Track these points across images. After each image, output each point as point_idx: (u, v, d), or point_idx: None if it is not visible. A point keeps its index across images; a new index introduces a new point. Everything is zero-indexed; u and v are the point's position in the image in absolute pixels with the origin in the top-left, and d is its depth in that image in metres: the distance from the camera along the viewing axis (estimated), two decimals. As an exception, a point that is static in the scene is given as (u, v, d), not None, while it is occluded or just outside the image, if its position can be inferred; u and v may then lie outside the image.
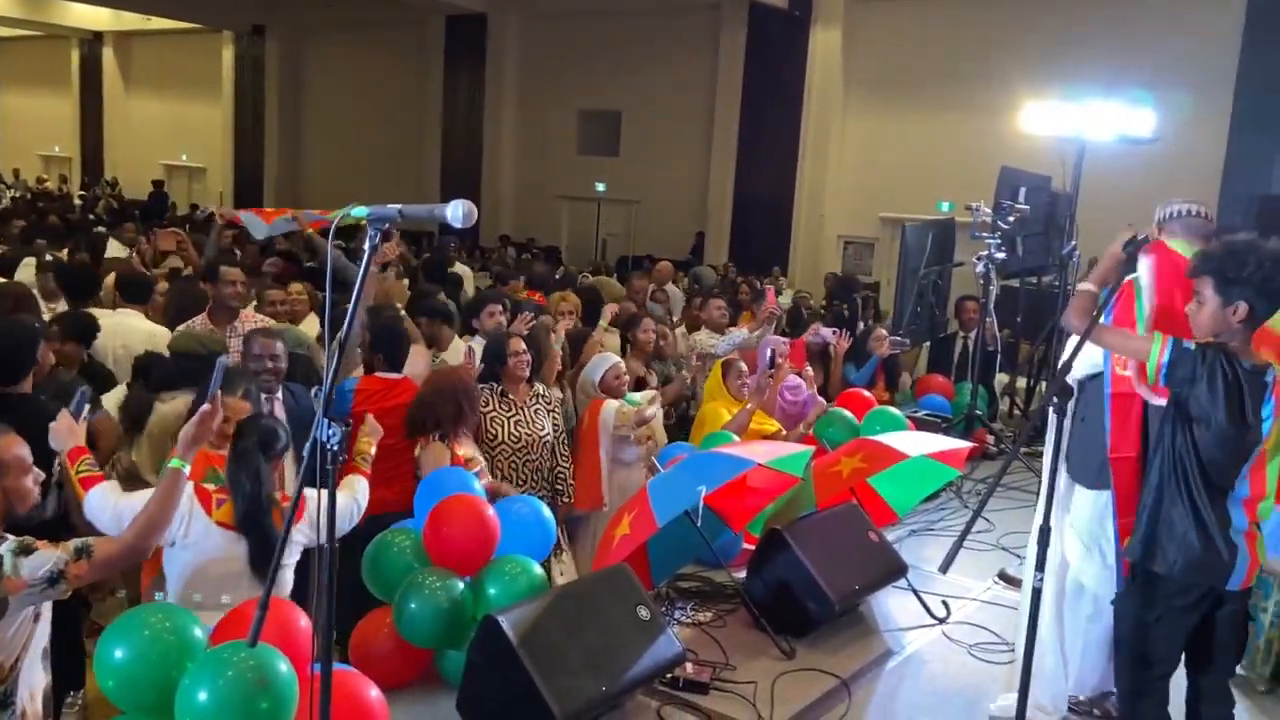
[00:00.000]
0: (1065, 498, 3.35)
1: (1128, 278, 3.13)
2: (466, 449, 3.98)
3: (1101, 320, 3.01)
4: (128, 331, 5.12)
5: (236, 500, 2.98)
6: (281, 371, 3.93)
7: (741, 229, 17.38)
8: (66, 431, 2.96)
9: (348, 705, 2.45)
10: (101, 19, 26.37)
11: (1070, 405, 3.21)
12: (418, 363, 5.06)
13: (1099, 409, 3.13)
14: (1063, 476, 3.31)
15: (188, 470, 2.74)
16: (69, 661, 3.16)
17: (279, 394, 3.94)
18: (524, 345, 4.53)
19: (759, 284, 9.91)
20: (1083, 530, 3.30)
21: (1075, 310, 3.05)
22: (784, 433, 5.29)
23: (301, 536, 3.05)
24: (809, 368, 5.86)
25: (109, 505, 2.86)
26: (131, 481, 3.49)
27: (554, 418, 4.61)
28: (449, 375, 4.19)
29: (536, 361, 4.61)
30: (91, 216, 16.53)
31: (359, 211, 1.99)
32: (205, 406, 2.76)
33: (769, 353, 5.53)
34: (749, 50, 16.96)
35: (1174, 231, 3.19)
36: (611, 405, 4.77)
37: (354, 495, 3.24)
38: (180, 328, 4.79)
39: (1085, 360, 3.13)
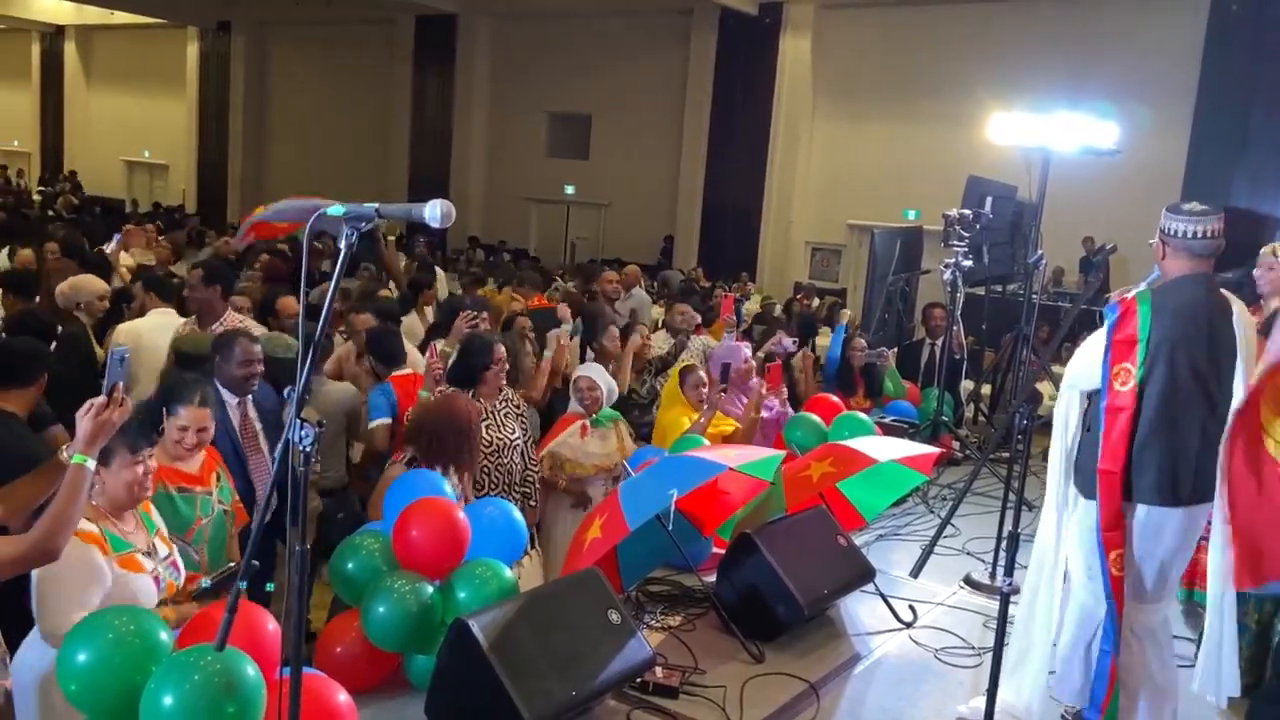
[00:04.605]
0: (1066, 505, 3.30)
1: (1131, 293, 3.09)
2: None
3: (1104, 338, 3.02)
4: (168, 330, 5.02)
5: None
6: (258, 375, 3.93)
7: (710, 234, 17.44)
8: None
9: (316, 709, 2.43)
10: (64, 13, 26.00)
11: (1079, 414, 3.23)
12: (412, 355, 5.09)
13: (1099, 422, 3.07)
14: (1059, 483, 3.29)
15: (91, 465, 2.52)
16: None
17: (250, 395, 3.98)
18: (505, 353, 4.51)
19: (724, 291, 9.90)
20: (1080, 540, 3.25)
21: None
22: (738, 427, 5.27)
23: None
24: (784, 388, 5.80)
25: None
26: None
27: (522, 422, 4.58)
28: (461, 411, 3.94)
29: (511, 367, 4.59)
30: (50, 212, 16.25)
31: (335, 210, 1.96)
32: (99, 399, 2.50)
33: (722, 365, 5.44)
34: (719, 56, 17.05)
35: (1176, 250, 3.07)
36: (568, 445, 4.74)
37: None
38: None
39: (1088, 376, 3.14)
